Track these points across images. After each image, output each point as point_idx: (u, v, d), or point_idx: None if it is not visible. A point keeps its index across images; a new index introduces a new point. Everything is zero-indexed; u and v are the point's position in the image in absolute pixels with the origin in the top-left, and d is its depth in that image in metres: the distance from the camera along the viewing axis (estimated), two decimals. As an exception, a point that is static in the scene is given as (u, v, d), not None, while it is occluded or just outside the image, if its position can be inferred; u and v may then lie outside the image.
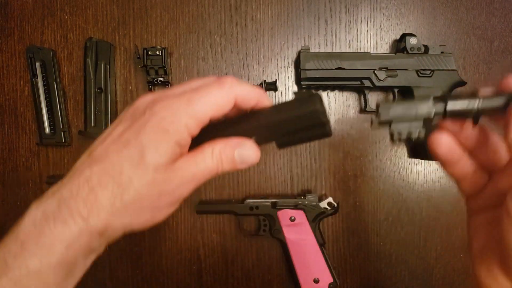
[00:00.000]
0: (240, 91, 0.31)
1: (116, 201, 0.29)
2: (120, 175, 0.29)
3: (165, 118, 0.29)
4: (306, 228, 0.61)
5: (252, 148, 0.32)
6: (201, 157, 0.31)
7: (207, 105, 0.30)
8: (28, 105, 0.64)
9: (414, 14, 0.64)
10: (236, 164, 0.32)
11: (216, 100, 0.30)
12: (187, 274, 0.66)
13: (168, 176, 0.29)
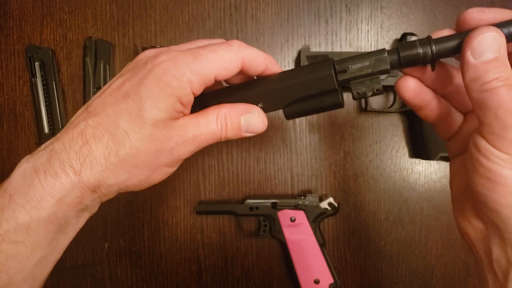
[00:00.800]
0: (248, 54, 0.30)
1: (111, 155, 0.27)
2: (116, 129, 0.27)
3: (167, 71, 0.27)
4: (307, 228, 0.61)
5: (260, 115, 0.30)
6: (204, 119, 0.29)
7: (213, 63, 0.28)
8: (27, 105, 0.64)
9: (415, 13, 0.64)
10: (241, 131, 0.31)
11: (223, 59, 0.28)
12: (187, 274, 0.66)
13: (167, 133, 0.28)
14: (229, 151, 0.65)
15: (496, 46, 0.25)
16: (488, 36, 0.25)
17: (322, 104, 0.29)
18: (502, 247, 0.26)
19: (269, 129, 0.64)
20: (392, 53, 0.29)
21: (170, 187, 0.65)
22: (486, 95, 0.25)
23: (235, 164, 0.65)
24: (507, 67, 0.25)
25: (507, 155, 0.24)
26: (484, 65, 0.25)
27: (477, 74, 0.25)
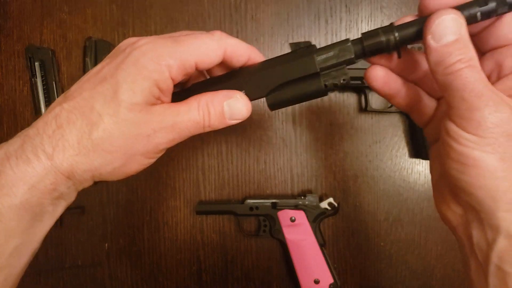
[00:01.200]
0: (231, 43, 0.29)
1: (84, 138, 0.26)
2: (91, 111, 0.27)
3: (145, 54, 0.27)
4: (307, 228, 0.61)
5: (243, 99, 0.30)
6: (185, 107, 0.29)
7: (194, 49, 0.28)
8: (27, 105, 0.64)
9: (415, 13, 0.64)
10: (225, 118, 0.30)
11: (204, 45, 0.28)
12: (187, 274, 0.66)
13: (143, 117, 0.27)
14: (229, 151, 0.65)
15: (456, 28, 0.25)
16: (446, 18, 0.25)
17: (304, 90, 0.29)
18: (481, 230, 0.26)
19: (269, 129, 0.64)
20: (356, 42, 0.28)
21: (170, 187, 0.65)
22: (451, 77, 0.25)
23: (235, 164, 0.65)
24: (469, 48, 0.25)
25: (476, 136, 0.24)
26: (445, 48, 0.25)
27: (440, 58, 0.25)
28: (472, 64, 0.24)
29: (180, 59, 0.27)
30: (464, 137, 0.24)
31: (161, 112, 0.28)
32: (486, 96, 0.24)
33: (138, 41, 0.28)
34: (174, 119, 0.28)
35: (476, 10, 0.25)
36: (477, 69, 0.25)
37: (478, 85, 0.24)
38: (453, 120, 0.25)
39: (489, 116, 0.24)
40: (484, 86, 0.24)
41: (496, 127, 0.24)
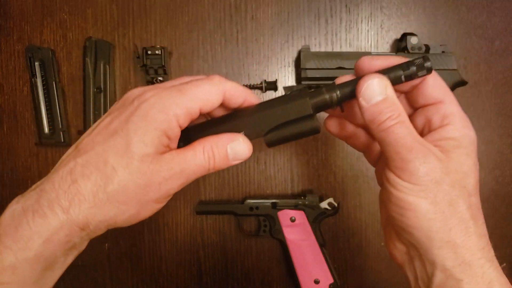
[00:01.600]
0: (229, 86, 0.31)
1: (99, 192, 0.28)
2: (105, 165, 0.28)
3: (154, 106, 0.28)
4: (307, 228, 0.61)
5: (245, 142, 0.32)
6: (191, 153, 0.30)
7: (197, 96, 0.29)
8: (27, 105, 0.64)
9: (415, 14, 0.64)
10: (229, 160, 0.31)
11: (206, 91, 0.30)
12: (187, 276, 0.66)
13: (155, 167, 0.28)
14: (229, 151, 0.65)
15: (382, 89, 0.28)
16: (373, 82, 0.29)
17: (300, 130, 0.31)
18: (422, 265, 0.29)
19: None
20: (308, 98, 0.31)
21: (170, 187, 0.65)
22: (384, 134, 0.28)
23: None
24: (397, 105, 0.29)
25: (410, 184, 0.28)
26: (375, 107, 0.29)
27: (372, 116, 0.29)
28: (401, 120, 0.28)
29: (186, 107, 0.29)
30: (401, 184, 0.28)
31: (170, 160, 0.29)
32: (415, 149, 0.27)
33: (145, 94, 0.30)
34: (182, 166, 0.29)
35: (400, 73, 0.29)
36: (406, 124, 0.28)
37: (408, 140, 0.28)
38: (391, 169, 0.29)
39: (420, 167, 0.27)
40: (413, 140, 0.28)
41: (426, 175, 0.27)
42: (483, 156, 0.65)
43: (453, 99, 0.31)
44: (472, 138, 0.30)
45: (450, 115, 0.30)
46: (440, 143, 0.29)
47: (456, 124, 0.30)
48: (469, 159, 0.29)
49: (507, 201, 0.65)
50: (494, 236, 0.30)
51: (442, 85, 0.31)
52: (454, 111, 0.30)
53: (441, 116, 0.30)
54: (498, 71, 0.64)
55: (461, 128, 0.30)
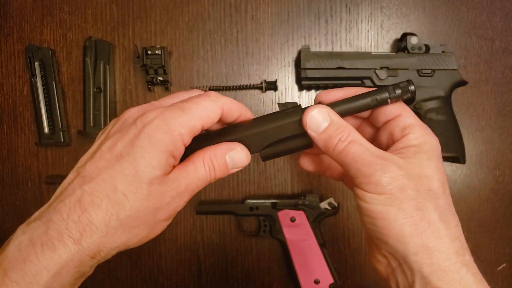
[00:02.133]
0: (226, 102, 0.32)
1: (112, 220, 0.27)
2: (114, 192, 0.27)
3: (158, 128, 0.28)
4: (307, 228, 0.61)
5: (243, 150, 0.32)
6: (192, 167, 0.30)
7: (199, 114, 0.30)
8: (27, 105, 0.64)
9: (415, 14, 0.64)
10: (228, 169, 0.32)
11: (206, 109, 0.30)
12: (187, 275, 0.66)
13: (163, 188, 0.28)
14: (229, 151, 0.65)
15: (324, 116, 0.31)
16: (313, 113, 0.31)
17: (294, 146, 0.33)
18: (403, 274, 0.30)
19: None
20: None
21: (170, 187, 0.65)
22: (341, 156, 0.30)
23: (235, 164, 0.65)
24: (344, 127, 0.30)
25: (376, 194, 0.29)
26: (324, 134, 0.31)
27: (324, 143, 0.31)
28: (352, 139, 0.30)
29: (189, 126, 0.29)
30: (368, 196, 0.29)
31: (175, 179, 0.29)
32: (373, 163, 0.29)
33: (147, 115, 0.29)
34: (186, 182, 0.30)
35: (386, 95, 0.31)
36: (358, 141, 0.30)
37: (365, 156, 0.29)
38: (357, 185, 0.30)
39: (381, 178, 0.29)
40: (370, 154, 0.29)
41: (389, 184, 0.28)
42: (483, 156, 0.65)
43: (409, 111, 0.32)
44: (433, 144, 0.31)
45: (410, 125, 0.31)
46: (402, 151, 0.31)
47: (415, 132, 0.31)
48: (431, 163, 0.30)
49: (507, 201, 0.65)
50: (494, 236, 0.30)
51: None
52: (412, 122, 0.32)
53: (401, 127, 0.32)
54: (498, 71, 0.64)
55: (421, 135, 0.31)
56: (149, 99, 0.64)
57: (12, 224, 0.65)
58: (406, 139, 0.31)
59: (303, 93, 0.65)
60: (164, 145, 0.28)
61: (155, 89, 0.64)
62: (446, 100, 0.59)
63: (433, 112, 0.59)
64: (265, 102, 0.64)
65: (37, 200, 0.65)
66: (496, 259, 0.61)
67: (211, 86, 0.64)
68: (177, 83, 0.64)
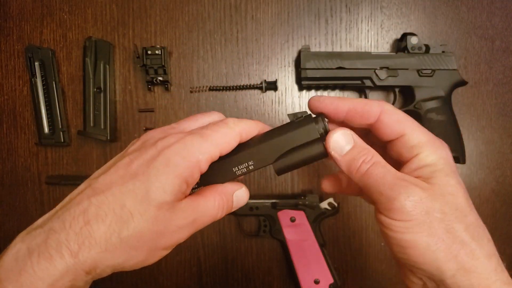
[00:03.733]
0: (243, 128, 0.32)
1: (113, 236, 0.27)
2: (121, 209, 0.27)
3: (177, 152, 0.28)
4: (307, 228, 0.60)
5: (246, 189, 0.33)
6: (203, 203, 0.30)
7: (218, 142, 0.30)
8: (27, 105, 0.64)
9: (415, 14, 0.64)
10: (232, 208, 0.33)
11: (226, 136, 0.30)
12: (187, 275, 0.66)
13: (171, 215, 0.28)
14: (229, 151, 0.64)
15: (348, 139, 0.30)
16: (337, 135, 0.30)
17: (308, 154, 0.32)
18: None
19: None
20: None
21: (170, 187, 0.65)
22: (364, 178, 0.29)
23: (235, 164, 0.65)
24: (367, 149, 0.30)
25: (402, 221, 0.28)
26: (348, 156, 0.30)
27: (347, 166, 0.30)
28: (376, 161, 0.29)
29: (208, 153, 0.29)
30: (393, 224, 0.28)
31: (185, 209, 0.29)
32: (397, 185, 0.28)
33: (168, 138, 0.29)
34: (195, 215, 0.29)
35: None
36: (382, 163, 0.29)
37: (388, 178, 0.28)
38: (381, 212, 0.29)
39: (405, 202, 0.27)
40: (392, 177, 0.28)
41: (414, 209, 0.27)
42: (483, 156, 0.65)
43: (415, 127, 0.31)
44: (446, 159, 0.30)
45: (417, 145, 0.30)
46: (417, 172, 0.29)
47: (425, 151, 0.30)
48: (451, 179, 0.29)
49: (507, 201, 0.65)
50: (494, 236, 0.29)
51: (398, 118, 0.31)
52: (419, 140, 0.30)
53: (408, 148, 0.30)
54: (498, 71, 0.64)
55: (432, 153, 0.29)
56: (149, 99, 0.64)
57: (12, 224, 0.65)
58: (417, 159, 0.30)
59: (303, 93, 0.64)
60: (180, 170, 0.28)
61: (155, 89, 0.64)
62: (446, 100, 0.59)
63: (433, 112, 0.59)
64: (265, 102, 0.64)
65: (37, 200, 0.65)
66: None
67: (211, 86, 0.64)
68: (177, 83, 0.64)
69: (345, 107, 0.32)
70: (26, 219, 0.65)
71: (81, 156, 0.64)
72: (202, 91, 0.64)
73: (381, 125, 0.31)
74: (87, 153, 0.64)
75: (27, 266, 0.26)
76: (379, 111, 0.31)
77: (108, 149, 0.64)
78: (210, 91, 0.64)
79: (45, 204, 0.65)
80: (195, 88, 0.64)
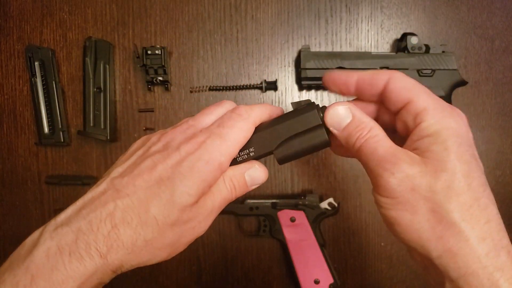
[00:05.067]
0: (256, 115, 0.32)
1: (139, 240, 0.28)
2: (146, 214, 0.28)
3: (200, 158, 0.29)
4: (307, 228, 0.60)
5: (261, 167, 0.33)
6: (216, 188, 0.31)
7: (237, 139, 0.30)
8: (27, 105, 0.64)
9: (415, 13, 0.64)
10: (248, 186, 0.33)
11: (243, 131, 0.31)
12: (187, 275, 0.66)
13: (193, 214, 0.29)
14: (229, 151, 0.64)
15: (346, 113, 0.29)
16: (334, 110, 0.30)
17: (310, 142, 0.31)
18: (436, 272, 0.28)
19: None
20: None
21: (170, 187, 0.65)
22: (358, 154, 0.29)
23: (235, 164, 0.65)
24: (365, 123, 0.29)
25: (389, 198, 0.27)
26: (345, 132, 0.29)
27: (345, 141, 0.30)
28: (371, 136, 0.28)
29: (228, 153, 0.30)
30: (382, 201, 0.28)
31: (203, 204, 0.30)
32: (384, 161, 0.27)
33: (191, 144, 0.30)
34: (212, 204, 0.30)
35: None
36: (376, 138, 0.28)
37: (378, 153, 0.27)
38: (374, 188, 0.29)
39: (390, 179, 0.27)
40: (383, 152, 0.27)
41: (399, 186, 0.26)
42: (483, 156, 0.65)
43: (422, 93, 0.28)
44: (451, 129, 0.27)
45: (421, 112, 0.27)
46: (416, 144, 0.27)
47: (428, 120, 0.27)
48: (450, 153, 0.26)
49: (507, 202, 0.65)
50: (494, 236, 0.29)
51: (405, 85, 0.29)
52: (424, 106, 0.27)
53: (413, 115, 0.28)
54: (498, 71, 0.64)
55: (435, 122, 0.27)
56: (149, 99, 0.64)
57: (11, 224, 0.65)
58: (419, 129, 0.27)
59: (303, 93, 0.65)
60: (204, 176, 0.29)
61: (155, 89, 0.64)
62: (447, 100, 0.59)
63: (433, 112, 0.59)
64: (265, 102, 0.64)
65: (36, 200, 0.65)
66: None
67: (211, 86, 0.64)
68: (177, 83, 0.64)
69: (354, 78, 0.31)
70: (26, 218, 0.65)
71: (81, 156, 0.64)
72: (202, 91, 0.64)
73: (388, 93, 0.29)
74: (87, 153, 0.64)
75: (59, 264, 0.27)
76: (387, 78, 0.29)
77: (108, 149, 0.64)
78: (210, 91, 0.64)
79: (44, 204, 0.65)
80: (195, 88, 0.64)
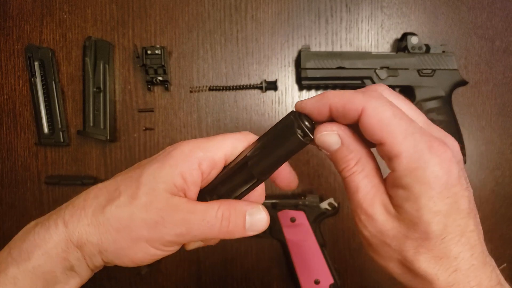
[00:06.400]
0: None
1: (97, 210, 0.29)
2: (114, 191, 0.29)
3: (177, 148, 0.29)
4: (307, 228, 0.60)
5: (264, 211, 0.30)
6: (203, 207, 0.28)
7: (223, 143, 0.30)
8: (27, 105, 0.64)
9: (415, 13, 0.64)
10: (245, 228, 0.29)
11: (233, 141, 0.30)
12: (186, 275, 0.65)
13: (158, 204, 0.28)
14: (229, 151, 0.64)
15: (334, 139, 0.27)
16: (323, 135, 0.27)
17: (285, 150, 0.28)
18: None
19: (269, 129, 0.64)
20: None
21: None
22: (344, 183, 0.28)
23: (235, 164, 0.65)
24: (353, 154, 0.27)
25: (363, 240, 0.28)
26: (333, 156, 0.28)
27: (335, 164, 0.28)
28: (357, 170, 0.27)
29: (210, 151, 0.29)
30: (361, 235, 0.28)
31: (176, 204, 0.28)
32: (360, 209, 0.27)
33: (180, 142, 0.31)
34: (187, 215, 0.28)
35: None
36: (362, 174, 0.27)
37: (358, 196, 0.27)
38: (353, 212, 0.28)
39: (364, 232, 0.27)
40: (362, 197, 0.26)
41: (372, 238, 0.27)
42: (483, 156, 0.65)
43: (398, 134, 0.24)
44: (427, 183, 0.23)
45: (394, 158, 0.25)
46: (392, 191, 0.26)
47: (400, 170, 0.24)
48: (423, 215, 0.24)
49: (507, 202, 0.65)
50: (494, 236, 0.29)
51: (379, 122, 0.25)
52: (397, 152, 0.24)
53: (387, 158, 0.26)
54: (499, 71, 0.64)
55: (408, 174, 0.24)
56: (148, 99, 0.64)
57: (11, 224, 0.65)
58: (392, 176, 0.25)
59: (303, 93, 0.64)
60: (175, 161, 0.28)
61: (155, 89, 0.64)
62: (447, 100, 0.59)
63: (433, 112, 0.59)
64: (265, 102, 0.64)
65: (36, 200, 0.65)
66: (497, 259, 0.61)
67: (211, 86, 0.63)
68: (177, 83, 0.64)
69: (326, 107, 0.27)
70: (25, 218, 0.65)
71: (80, 156, 0.64)
72: (202, 91, 0.64)
73: (361, 127, 0.26)
74: (87, 153, 0.64)
75: (29, 235, 0.29)
76: (361, 109, 0.25)
77: (108, 149, 0.64)
78: (210, 91, 0.64)
79: (44, 204, 0.65)
80: (195, 88, 0.64)
